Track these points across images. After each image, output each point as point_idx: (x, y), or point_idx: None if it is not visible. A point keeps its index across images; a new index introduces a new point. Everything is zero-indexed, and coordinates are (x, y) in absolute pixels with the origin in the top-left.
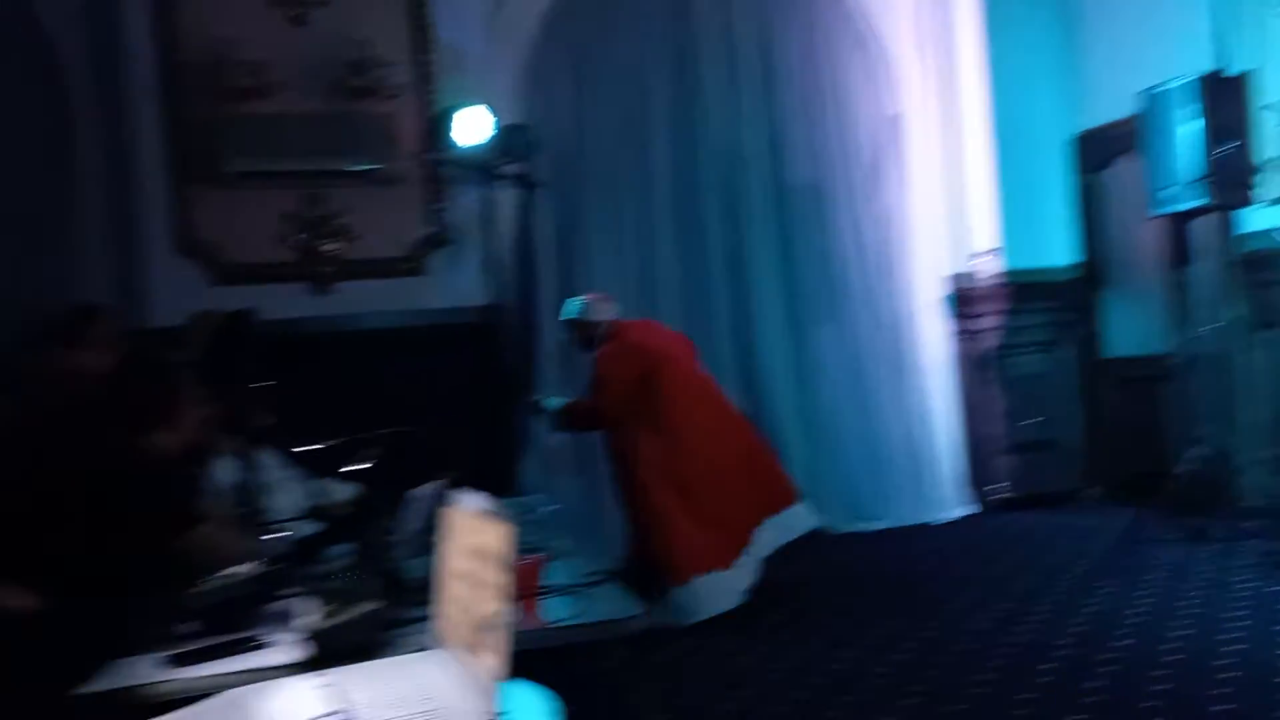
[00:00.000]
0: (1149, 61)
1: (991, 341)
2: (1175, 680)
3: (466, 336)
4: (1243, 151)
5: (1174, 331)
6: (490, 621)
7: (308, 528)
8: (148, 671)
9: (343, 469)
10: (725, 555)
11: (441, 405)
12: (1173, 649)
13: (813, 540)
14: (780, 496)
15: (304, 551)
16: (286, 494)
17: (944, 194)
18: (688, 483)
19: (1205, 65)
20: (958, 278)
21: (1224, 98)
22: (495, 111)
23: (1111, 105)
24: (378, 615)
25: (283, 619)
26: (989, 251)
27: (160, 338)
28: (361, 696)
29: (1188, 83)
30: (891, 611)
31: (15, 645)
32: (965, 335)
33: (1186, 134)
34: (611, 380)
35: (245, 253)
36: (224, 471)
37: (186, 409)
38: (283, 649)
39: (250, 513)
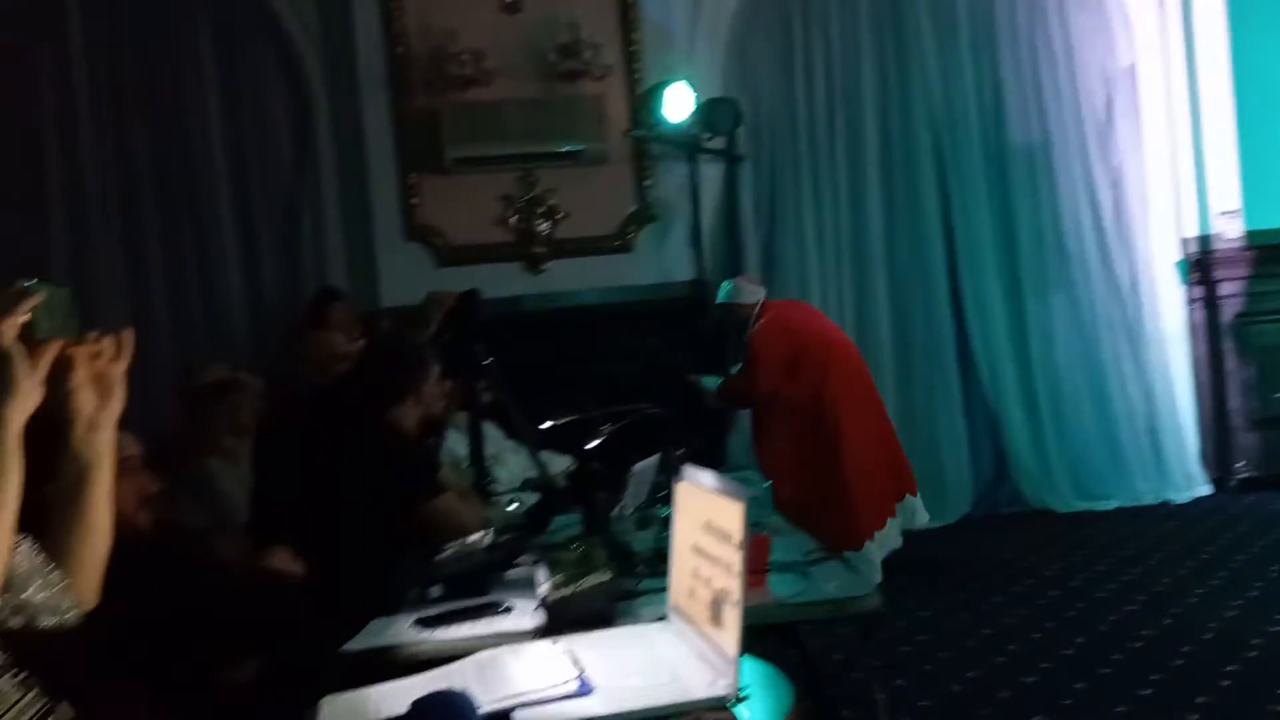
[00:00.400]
0: None
1: (1233, 309)
2: None
3: (673, 312)
4: None
5: None
6: (724, 596)
7: (530, 498)
8: (401, 632)
9: (586, 445)
10: (870, 527)
11: (650, 380)
12: None
13: (1038, 519)
14: (909, 481)
15: (533, 521)
16: (508, 466)
17: (1182, 150)
18: (838, 459)
19: None
20: (1197, 240)
21: None
22: (698, 86)
23: None
24: (610, 586)
25: (519, 586)
26: (1230, 211)
27: (394, 318)
28: (598, 664)
29: None
30: (1125, 596)
31: (285, 605)
32: (1204, 302)
33: None
34: (763, 359)
35: (465, 235)
36: (456, 444)
37: (426, 385)
38: (522, 615)
39: (482, 483)
